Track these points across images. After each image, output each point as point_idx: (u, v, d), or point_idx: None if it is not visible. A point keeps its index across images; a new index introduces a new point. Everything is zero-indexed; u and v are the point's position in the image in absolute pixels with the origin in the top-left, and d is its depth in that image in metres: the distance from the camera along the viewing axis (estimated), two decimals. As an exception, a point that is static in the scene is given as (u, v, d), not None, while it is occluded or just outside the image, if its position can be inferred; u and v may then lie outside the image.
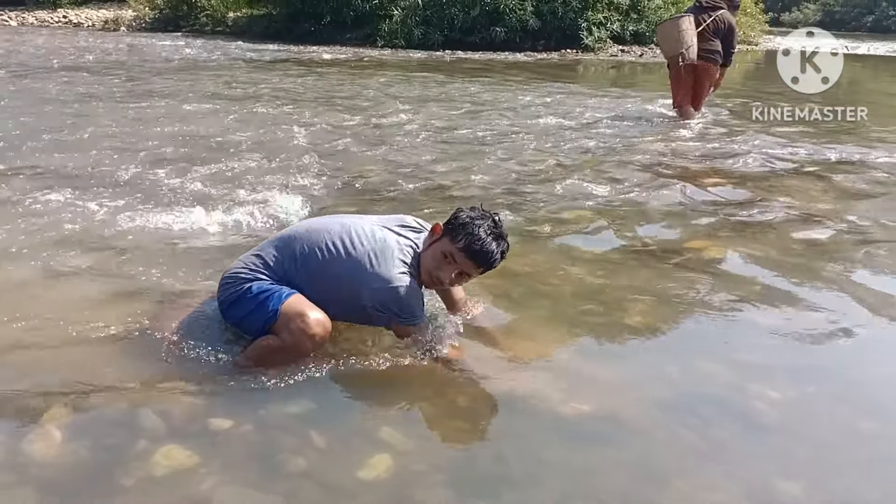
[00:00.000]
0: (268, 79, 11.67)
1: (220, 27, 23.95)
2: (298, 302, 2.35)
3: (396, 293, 2.37)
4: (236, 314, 2.43)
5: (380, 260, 2.38)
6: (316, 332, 2.31)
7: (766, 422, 2.25)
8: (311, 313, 2.32)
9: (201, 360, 2.41)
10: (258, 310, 2.35)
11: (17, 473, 1.89)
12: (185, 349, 2.45)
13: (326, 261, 2.41)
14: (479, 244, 2.37)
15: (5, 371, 2.35)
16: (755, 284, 3.34)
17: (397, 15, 20.58)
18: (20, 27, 24.18)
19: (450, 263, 2.42)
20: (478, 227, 2.39)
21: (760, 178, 5.57)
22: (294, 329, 2.30)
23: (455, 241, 2.39)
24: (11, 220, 3.76)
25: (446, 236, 2.43)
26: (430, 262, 2.45)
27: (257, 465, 1.96)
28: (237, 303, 2.41)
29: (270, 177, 4.95)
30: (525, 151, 6.26)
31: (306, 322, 2.30)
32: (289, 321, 2.31)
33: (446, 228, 2.45)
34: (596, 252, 3.72)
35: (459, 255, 2.39)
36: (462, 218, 2.43)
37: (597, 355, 2.67)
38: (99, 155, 5.44)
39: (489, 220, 2.44)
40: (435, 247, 2.45)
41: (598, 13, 21.37)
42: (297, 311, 2.32)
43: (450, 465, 1.99)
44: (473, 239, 2.37)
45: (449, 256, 2.41)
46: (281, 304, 2.33)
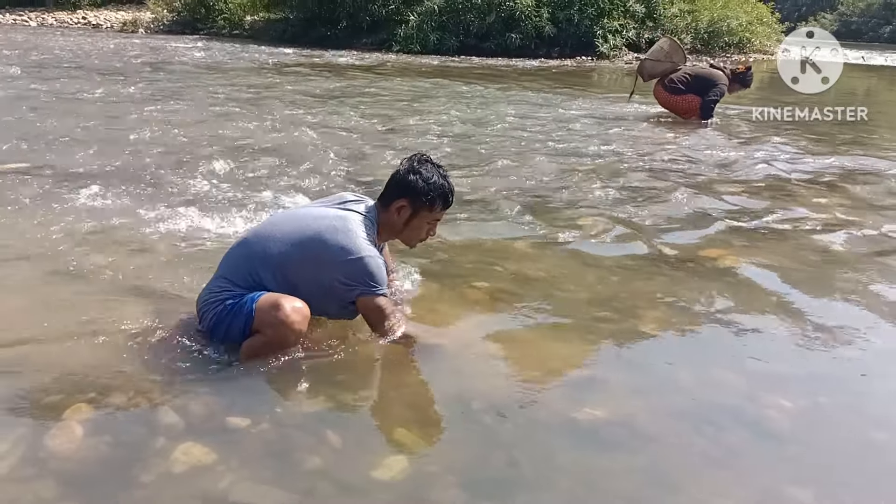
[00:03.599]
0: (284, 82, 11.75)
1: (236, 30, 24.11)
2: (271, 296, 2.38)
3: (364, 264, 2.42)
4: (220, 332, 2.45)
5: (342, 234, 2.44)
6: (294, 319, 2.33)
7: (778, 430, 2.26)
8: (285, 303, 2.35)
9: (220, 358, 2.44)
10: (236, 317, 2.39)
11: (39, 467, 1.92)
12: (204, 347, 2.48)
13: (288, 252, 2.45)
14: (450, 192, 2.61)
15: (30, 367, 2.39)
16: (770, 293, 3.34)
17: (413, 20, 20.67)
18: (40, 27, 24.43)
19: (432, 224, 2.65)
20: (435, 181, 2.56)
21: (776, 186, 5.57)
22: (272, 321, 2.33)
23: (434, 209, 2.59)
24: (33, 219, 3.82)
25: (423, 209, 2.57)
26: (414, 234, 2.65)
27: (274, 463, 1.98)
28: (218, 323, 2.44)
29: (287, 179, 5.00)
30: (540, 157, 6.27)
31: (283, 311, 2.32)
32: (265, 315, 2.34)
33: (415, 202, 2.56)
34: (611, 258, 3.73)
35: (441, 213, 2.64)
36: (419, 184, 2.55)
37: (611, 361, 2.68)
38: (118, 156, 5.50)
39: (430, 164, 2.61)
40: (415, 222, 2.61)
41: (614, 21, 21.40)
42: (270, 303, 2.35)
43: (463, 467, 2.01)
44: (444, 193, 2.58)
45: (433, 222, 2.64)
46: (255, 304, 2.37)
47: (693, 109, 8.37)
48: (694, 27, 23.53)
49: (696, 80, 8.33)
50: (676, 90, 8.39)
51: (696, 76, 8.39)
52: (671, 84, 8.42)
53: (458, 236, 3.92)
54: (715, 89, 8.19)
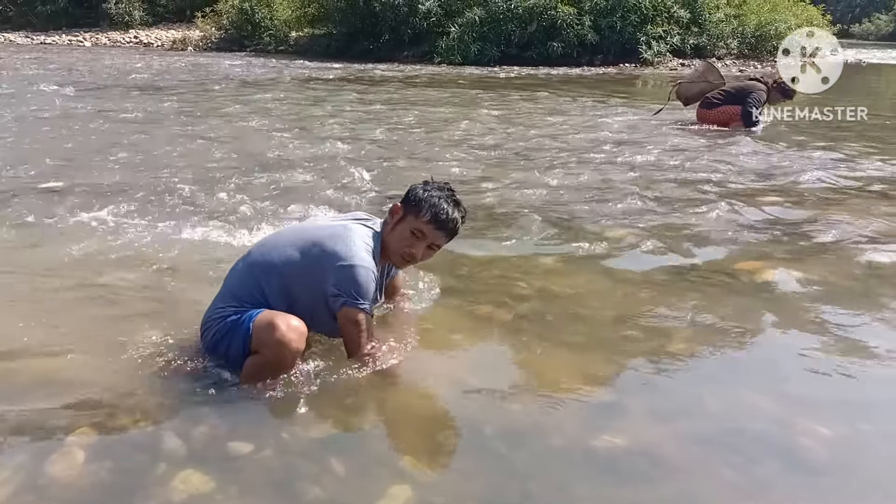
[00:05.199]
0: (324, 96, 11.84)
1: (282, 46, 24.55)
2: (267, 315, 2.34)
3: (355, 272, 2.35)
4: (221, 349, 2.42)
5: (339, 240, 2.40)
6: (290, 338, 2.28)
7: (814, 460, 2.10)
8: (280, 322, 2.29)
9: (227, 378, 2.39)
10: (235, 336, 2.36)
11: (38, 495, 1.89)
12: (212, 367, 2.45)
13: (289, 258, 2.42)
14: (444, 214, 2.46)
15: (39, 387, 2.38)
16: (809, 310, 3.16)
17: (454, 31, 20.71)
18: (94, 47, 25.21)
19: (419, 238, 2.48)
20: (438, 199, 2.48)
21: (820, 196, 5.33)
22: (268, 341, 2.29)
23: (421, 217, 2.46)
24: (62, 236, 3.86)
25: (410, 214, 2.49)
26: (398, 243, 2.50)
27: (274, 492, 1.92)
28: (220, 341, 2.41)
29: (321, 193, 4.98)
30: (575, 168, 6.15)
31: (279, 331, 2.27)
32: (262, 334, 2.30)
33: (408, 207, 2.51)
34: (641, 273, 3.59)
35: (428, 227, 2.46)
36: (420, 193, 2.50)
37: (634, 385, 2.54)
38: (151, 173, 5.57)
39: (445, 190, 2.52)
40: (401, 227, 2.50)
41: (658, 27, 21.12)
42: (267, 322, 2.31)
43: (472, 499, 1.91)
44: (438, 210, 2.46)
45: (418, 232, 2.47)
46: (252, 322, 2.33)
47: (732, 117, 8.29)
48: (741, 32, 23.06)
49: (732, 93, 8.36)
50: (713, 105, 8.43)
51: (732, 89, 8.43)
52: (709, 101, 8.50)
53: (481, 251, 3.83)
54: (751, 97, 8.17)
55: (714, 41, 22.63)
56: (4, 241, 3.82)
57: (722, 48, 22.87)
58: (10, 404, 2.25)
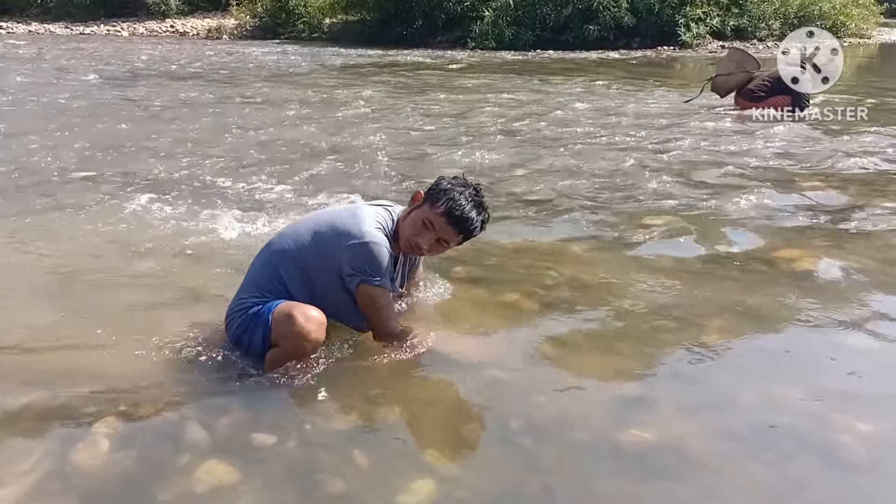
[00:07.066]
0: (358, 83, 11.83)
1: (316, 33, 24.63)
2: (286, 306, 2.34)
3: (369, 250, 2.34)
4: (245, 341, 2.42)
5: (349, 219, 2.40)
6: (309, 329, 2.27)
7: (851, 458, 2.02)
8: (298, 313, 2.29)
9: (251, 369, 2.39)
10: (256, 329, 2.36)
11: (63, 483, 1.91)
12: (237, 358, 2.44)
13: (304, 242, 2.42)
14: (460, 210, 2.40)
15: (67, 376, 2.40)
16: (850, 300, 3.04)
17: (488, 16, 20.53)
18: (132, 37, 25.55)
19: (429, 230, 2.43)
20: (458, 194, 2.42)
21: (865, 181, 5.15)
22: (287, 333, 2.29)
23: (435, 207, 2.42)
24: (93, 224, 3.91)
25: (427, 203, 2.46)
26: (409, 229, 2.46)
27: (296, 484, 1.90)
28: (243, 334, 2.41)
29: (351, 182, 4.98)
30: (610, 153, 6.04)
31: (297, 323, 2.27)
32: (280, 327, 2.30)
33: (427, 195, 2.48)
34: (675, 261, 3.50)
35: (439, 220, 2.41)
36: (443, 185, 2.46)
37: (664, 377, 2.47)
38: (182, 161, 5.61)
39: (470, 189, 2.47)
40: (416, 213, 2.47)
41: (697, 8, 20.65)
42: (285, 314, 2.31)
43: (494, 493, 1.88)
44: (454, 205, 2.40)
45: (428, 223, 2.43)
46: (271, 314, 2.33)
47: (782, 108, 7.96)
48: (783, 12, 22.42)
49: (777, 81, 7.99)
50: (758, 98, 8.08)
51: (776, 78, 8.06)
52: (751, 94, 8.16)
53: (512, 238, 3.77)
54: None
55: (755, 22, 22.03)
56: (37, 229, 3.87)
57: (763, 30, 22.24)
58: (37, 392, 2.27)
